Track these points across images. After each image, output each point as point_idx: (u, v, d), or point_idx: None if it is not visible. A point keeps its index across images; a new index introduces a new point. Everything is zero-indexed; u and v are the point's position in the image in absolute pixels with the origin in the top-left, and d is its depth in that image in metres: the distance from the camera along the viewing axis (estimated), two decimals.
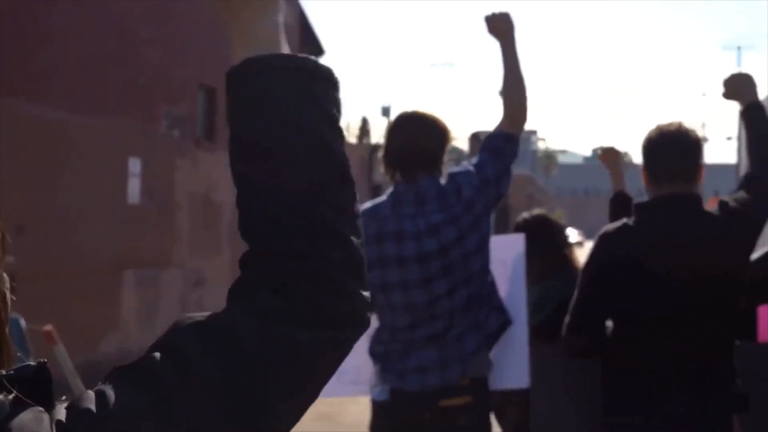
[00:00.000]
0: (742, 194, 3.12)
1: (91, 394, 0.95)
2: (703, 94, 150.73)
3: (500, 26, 3.41)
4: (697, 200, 3.08)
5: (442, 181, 3.28)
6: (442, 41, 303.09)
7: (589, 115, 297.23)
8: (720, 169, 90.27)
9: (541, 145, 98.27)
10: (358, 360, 3.43)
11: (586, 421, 3.20)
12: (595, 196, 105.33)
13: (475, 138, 32.50)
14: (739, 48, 64.18)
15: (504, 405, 3.96)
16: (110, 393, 0.95)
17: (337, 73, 1.13)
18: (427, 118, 3.36)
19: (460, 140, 36.97)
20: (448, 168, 3.35)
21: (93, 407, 0.93)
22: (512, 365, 3.46)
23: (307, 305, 1.03)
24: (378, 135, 30.62)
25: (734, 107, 3.45)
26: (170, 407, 0.95)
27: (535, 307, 3.88)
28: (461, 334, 3.23)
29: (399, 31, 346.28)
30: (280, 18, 1.16)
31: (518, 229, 4.27)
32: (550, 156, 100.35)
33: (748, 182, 3.18)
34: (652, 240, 2.99)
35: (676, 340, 2.93)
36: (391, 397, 3.23)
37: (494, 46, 3.44)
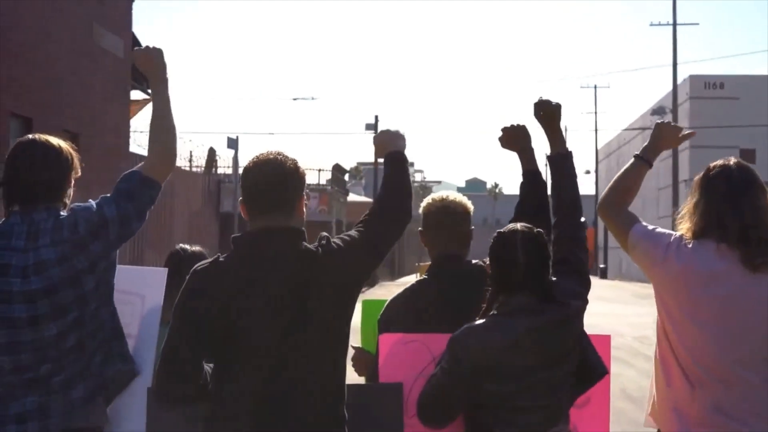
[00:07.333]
0: (353, 232, 2.99)
1: None
2: (565, 129, 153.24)
3: (147, 65, 3.34)
4: (293, 233, 2.88)
5: (64, 213, 3.11)
6: (302, 76, 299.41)
7: (461, 149, 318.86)
8: (582, 200, 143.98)
9: (418, 177, 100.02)
10: None
11: None
12: None
13: (336, 169, 34.02)
14: (595, 86, 68.53)
15: None
16: None
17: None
18: (48, 146, 3.15)
19: (325, 172, 40.84)
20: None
21: None
22: (129, 419, 3.24)
23: None
24: (225, 166, 30.08)
25: (591, 143, 10.35)
26: None
27: None
28: (69, 380, 3.07)
29: (257, 64, 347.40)
30: None
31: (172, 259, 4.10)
32: (425, 187, 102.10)
33: (373, 217, 3.06)
34: (242, 275, 2.81)
35: (276, 384, 2.77)
36: None
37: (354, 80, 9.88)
